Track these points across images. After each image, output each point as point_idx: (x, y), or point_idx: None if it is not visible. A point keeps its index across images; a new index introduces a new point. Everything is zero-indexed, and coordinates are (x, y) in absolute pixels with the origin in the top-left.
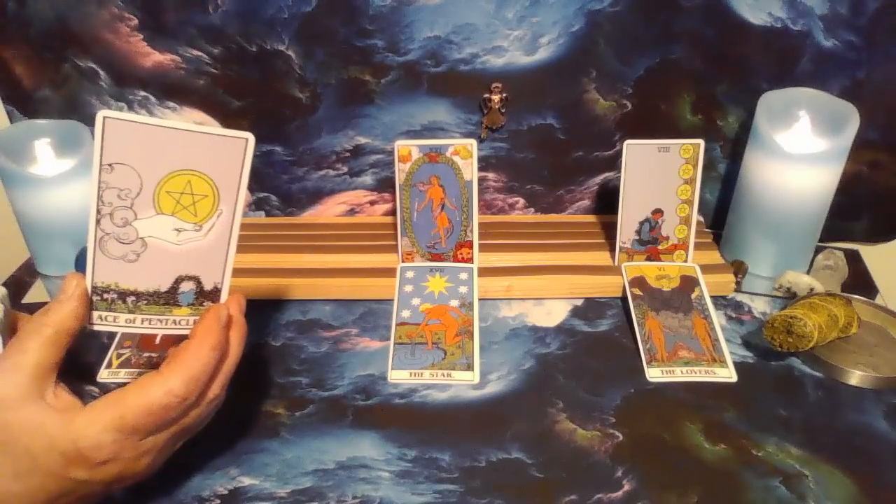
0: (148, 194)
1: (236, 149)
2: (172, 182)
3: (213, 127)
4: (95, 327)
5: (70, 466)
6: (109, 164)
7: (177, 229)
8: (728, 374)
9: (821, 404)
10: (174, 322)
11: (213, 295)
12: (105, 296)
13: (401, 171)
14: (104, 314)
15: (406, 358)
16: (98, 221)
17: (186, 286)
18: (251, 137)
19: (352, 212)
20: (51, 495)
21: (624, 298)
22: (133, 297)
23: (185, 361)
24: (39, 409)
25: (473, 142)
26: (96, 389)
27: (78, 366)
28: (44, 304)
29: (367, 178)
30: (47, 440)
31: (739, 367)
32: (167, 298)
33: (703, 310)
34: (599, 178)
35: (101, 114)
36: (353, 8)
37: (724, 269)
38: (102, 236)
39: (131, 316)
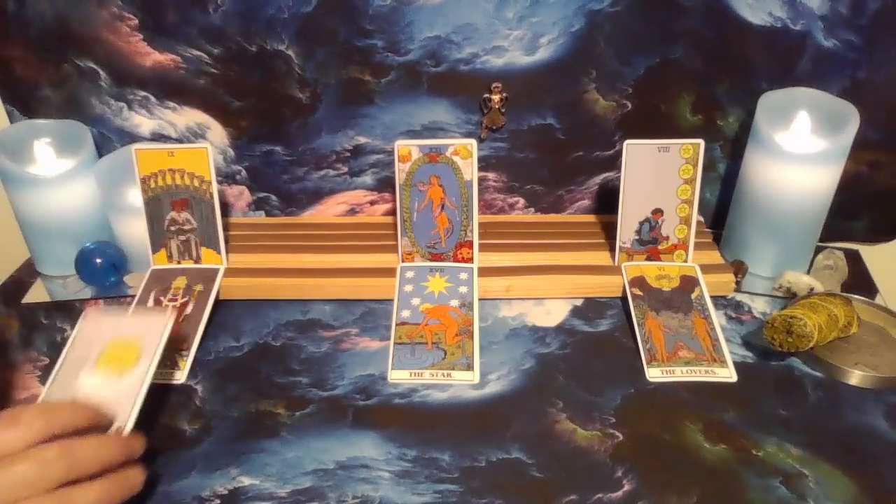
0: (92, 360)
1: (164, 318)
2: (109, 346)
3: (157, 311)
4: None
5: None
6: (75, 346)
7: (102, 380)
8: (728, 374)
9: (821, 404)
10: None
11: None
12: None
13: (401, 171)
14: None
15: (406, 358)
16: (51, 384)
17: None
18: (172, 317)
19: (352, 212)
20: None
21: (624, 298)
22: None
23: (52, 407)
24: None
25: (473, 142)
26: None
27: None
28: (44, 304)
29: (367, 178)
30: None
31: (739, 367)
32: None
33: (703, 310)
34: (599, 178)
35: (84, 312)
36: (353, 8)
37: (724, 269)
38: (50, 395)
39: None
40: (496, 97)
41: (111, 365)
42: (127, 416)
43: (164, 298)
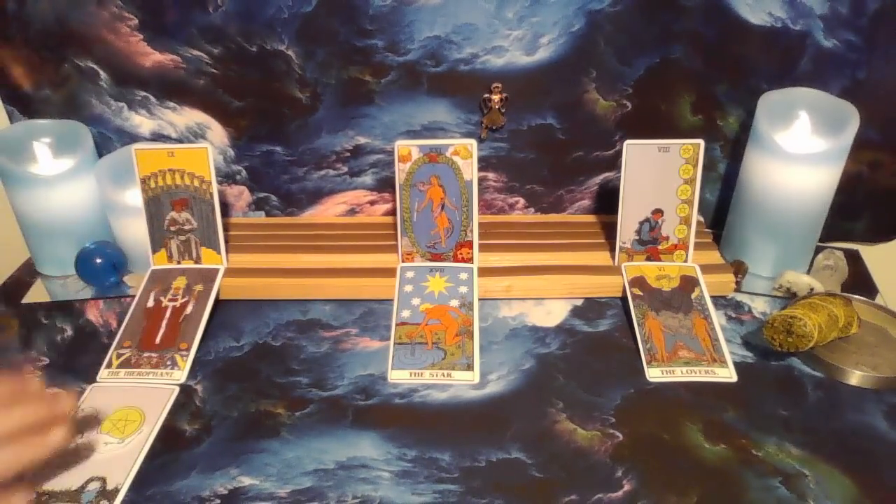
0: (97, 423)
1: (167, 392)
2: (117, 413)
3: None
4: None
5: None
6: (83, 409)
7: (106, 442)
8: (728, 374)
9: (821, 404)
10: None
11: (112, 495)
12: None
13: (401, 171)
14: None
15: (406, 358)
16: None
17: (92, 486)
18: (175, 392)
19: (352, 212)
20: None
21: (624, 298)
22: (46, 496)
23: None
24: None
25: (473, 142)
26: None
27: (78, 366)
28: (44, 304)
29: (367, 178)
30: None
31: (739, 367)
32: (73, 497)
33: (703, 310)
34: (599, 178)
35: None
36: (353, 8)
37: (724, 269)
38: None
39: None
40: (496, 97)
41: (115, 428)
42: (124, 476)
43: (163, 298)
